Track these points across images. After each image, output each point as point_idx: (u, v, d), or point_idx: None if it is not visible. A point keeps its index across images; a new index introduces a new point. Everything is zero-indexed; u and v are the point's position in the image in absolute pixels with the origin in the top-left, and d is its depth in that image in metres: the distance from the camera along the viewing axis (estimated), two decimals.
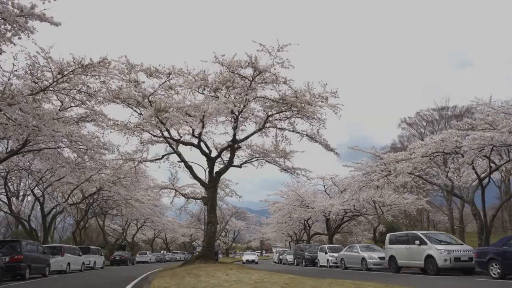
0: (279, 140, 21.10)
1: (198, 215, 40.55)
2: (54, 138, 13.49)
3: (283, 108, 18.69)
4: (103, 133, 16.58)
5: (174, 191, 24.89)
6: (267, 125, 19.67)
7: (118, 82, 15.86)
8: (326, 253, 26.83)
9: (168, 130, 17.29)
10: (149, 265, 37.26)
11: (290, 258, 36.15)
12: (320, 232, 44.79)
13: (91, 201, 33.95)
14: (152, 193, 41.18)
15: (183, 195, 24.39)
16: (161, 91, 15.69)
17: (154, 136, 17.21)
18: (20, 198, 34.84)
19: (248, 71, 15.90)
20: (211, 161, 19.00)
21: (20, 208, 30.09)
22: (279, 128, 19.74)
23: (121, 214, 37.94)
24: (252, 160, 22.92)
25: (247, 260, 40.10)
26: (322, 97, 18.33)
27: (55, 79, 12.73)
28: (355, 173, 22.89)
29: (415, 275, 16.04)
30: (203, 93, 16.22)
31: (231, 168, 21.44)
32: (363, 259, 20.53)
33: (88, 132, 19.50)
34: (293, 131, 19.82)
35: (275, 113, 19.14)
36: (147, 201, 40.03)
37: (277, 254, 44.52)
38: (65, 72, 12.63)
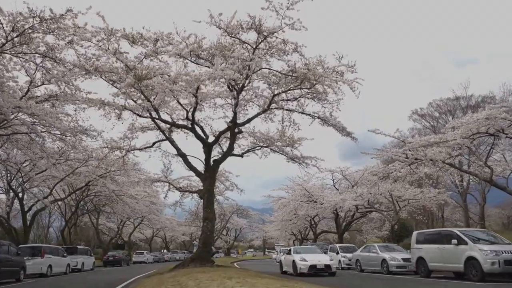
0: (286, 126, 18.40)
1: (195, 211, 37.62)
2: (3, 110, 10.81)
3: (291, 86, 15.96)
4: (75, 110, 13.88)
5: (167, 184, 22.21)
6: (273, 106, 16.95)
7: (95, 50, 13.14)
8: (337, 253, 24.14)
9: (156, 110, 14.61)
10: (145, 266, 34.70)
11: None
12: (327, 230, 42.12)
13: (80, 197, 31.39)
14: (149, 190, 38.76)
15: (177, 188, 21.72)
16: (147, 59, 12.96)
17: (140, 116, 14.53)
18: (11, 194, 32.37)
19: (251, 36, 13.22)
20: (207, 147, 16.30)
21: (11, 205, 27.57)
22: (286, 110, 17.01)
23: (113, 211, 35.27)
24: (255, 148, 20.23)
25: (313, 268, 16.67)
26: (336, 72, 15.58)
27: (8, 38, 10.07)
28: (369, 165, 20.31)
29: (454, 281, 13.31)
30: (196, 63, 13.52)
31: (231, 162, 18.80)
32: (384, 260, 17.84)
33: (65, 115, 16.94)
34: (302, 113, 17.09)
35: (282, 92, 16.43)
36: (144, 198, 37.52)
37: (281, 254, 41.79)
38: (22, 29, 9.94)
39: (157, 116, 14.83)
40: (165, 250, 63.79)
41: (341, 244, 27.07)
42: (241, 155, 19.72)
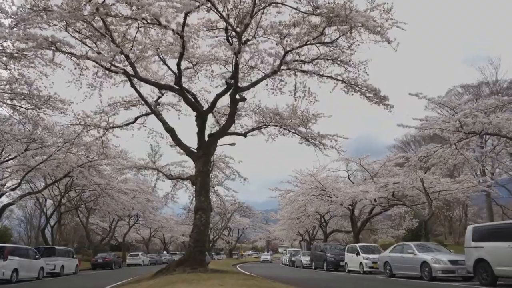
0: (299, 97, 14.74)
1: (189, 206, 33.33)
2: None
3: (308, 38, 12.37)
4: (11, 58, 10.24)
5: (156, 171, 18.59)
6: (283, 68, 13.36)
7: None
8: (358, 254, 20.49)
9: (132, 65, 11.02)
10: (138, 269, 31.16)
11: (305, 260, 29.83)
12: (338, 229, 38.40)
13: (63, 191, 27.87)
14: (143, 186, 35.39)
15: (167, 176, 18.11)
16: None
17: (110, 70, 10.89)
18: None
19: None
20: (201, 118, 12.71)
21: None
22: (301, 72, 13.38)
23: (101, 208, 31.71)
24: (261, 127, 16.65)
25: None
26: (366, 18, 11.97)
27: None
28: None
29: None
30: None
31: (230, 155, 15.21)
32: (425, 263, 14.14)
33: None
34: (322, 76, 13.45)
35: (296, 48, 12.83)
36: (138, 194, 34.09)
37: (288, 255, 38.24)
38: None
39: (133, 73, 11.18)
40: (165, 252, 60.24)
41: (362, 244, 23.36)
42: (244, 135, 16.16)
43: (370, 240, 42.02)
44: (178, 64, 11.02)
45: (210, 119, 18.19)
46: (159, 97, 15.58)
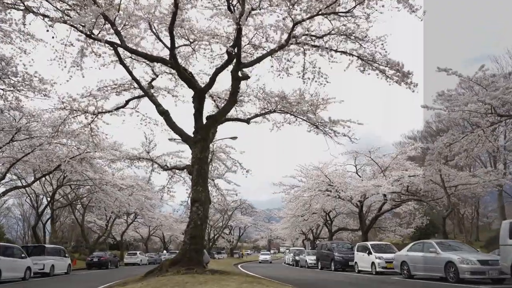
0: (308, 79, 13.20)
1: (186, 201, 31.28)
2: None
3: (321, 6, 10.85)
4: None
5: (151, 163, 17.05)
6: (291, 42, 11.83)
7: None
8: (369, 253, 18.97)
9: (118, 33, 9.49)
10: (135, 269, 29.59)
11: (311, 259, 28.32)
12: (344, 227, 36.86)
13: (54, 186, 26.41)
14: (141, 182, 33.97)
15: (162, 167, 16.55)
16: None
17: (92, 38, 9.31)
18: None
19: None
20: (198, 97, 11.18)
21: None
22: (312, 46, 11.83)
23: (96, 204, 30.27)
24: (266, 112, 15.12)
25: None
26: None
27: None
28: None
29: None
30: None
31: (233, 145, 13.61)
32: (450, 263, 12.58)
33: None
34: (336, 51, 11.92)
35: (307, 18, 11.30)
36: (136, 191, 32.65)
37: (292, 254, 36.78)
38: None
39: (120, 43, 9.65)
40: (164, 251, 58.86)
41: (373, 242, 21.82)
42: (247, 121, 14.64)
43: (376, 239, 40.46)
44: (171, 29, 9.46)
45: (210, 105, 16.76)
46: (153, 79, 14.11)
